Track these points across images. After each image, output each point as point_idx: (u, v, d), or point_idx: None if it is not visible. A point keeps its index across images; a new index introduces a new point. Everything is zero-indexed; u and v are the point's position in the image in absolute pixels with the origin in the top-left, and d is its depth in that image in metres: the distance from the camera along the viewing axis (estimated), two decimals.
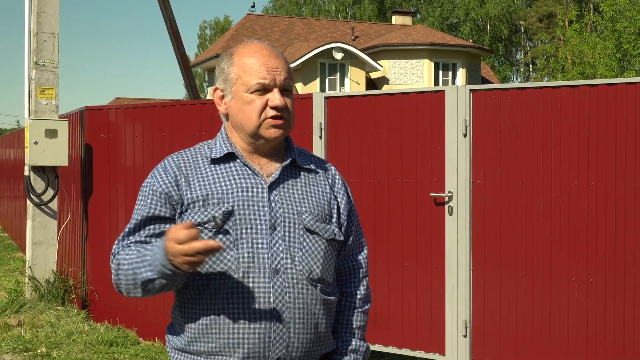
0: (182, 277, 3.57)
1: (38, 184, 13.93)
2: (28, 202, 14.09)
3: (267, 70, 3.77)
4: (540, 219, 9.23)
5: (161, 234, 3.77)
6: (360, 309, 4.11)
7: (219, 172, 3.83)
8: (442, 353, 9.90)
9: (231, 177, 3.82)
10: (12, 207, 25.75)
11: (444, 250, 9.86)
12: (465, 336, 9.73)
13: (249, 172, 3.84)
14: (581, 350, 8.97)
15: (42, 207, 14.02)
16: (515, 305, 9.41)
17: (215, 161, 3.87)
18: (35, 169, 13.81)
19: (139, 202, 3.89)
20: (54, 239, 14.16)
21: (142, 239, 3.82)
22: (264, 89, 3.77)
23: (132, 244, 3.82)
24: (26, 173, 13.91)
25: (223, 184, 3.79)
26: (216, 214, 3.72)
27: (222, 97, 3.92)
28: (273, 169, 3.89)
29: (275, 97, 3.76)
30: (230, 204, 3.73)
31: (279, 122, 3.79)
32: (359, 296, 4.12)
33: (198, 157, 3.91)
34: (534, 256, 9.28)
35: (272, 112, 3.76)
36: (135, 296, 3.75)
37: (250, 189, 3.79)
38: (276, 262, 3.71)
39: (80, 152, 13.52)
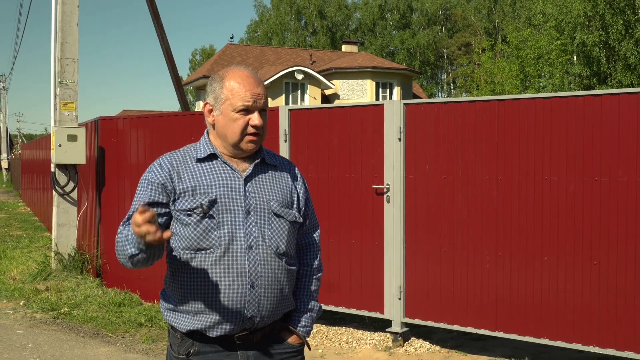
0: (155, 251, 3.60)
1: (62, 178, 13.89)
2: (54, 192, 14.08)
3: (252, 96, 3.76)
4: (459, 205, 9.19)
5: (159, 216, 3.80)
6: (314, 276, 4.14)
7: (203, 168, 3.82)
8: (382, 312, 9.84)
9: (214, 173, 3.81)
10: (41, 197, 25.90)
11: (383, 230, 9.80)
12: (400, 299, 9.67)
13: (228, 168, 3.83)
14: (491, 308, 8.93)
15: (65, 196, 13.98)
16: (440, 274, 9.36)
17: (200, 160, 3.86)
18: (59, 166, 13.82)
19: (138, 192, 3.88)
20: (74, 222, 14.09)
21: None
22: (247, 110, 3.75)
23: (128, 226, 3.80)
24: (52, 169, 13.92)
25: (207, 177, 3.78)
26: (203, 202, 3.71)
27: (211, 110, 3.88)
28: (247, 166, 3.87)
29: (256, 118, 3.77)
30: (214, 194, 3.74)
31: (255, 137, 3.79)
32: (314, 266, 4.14)
33: (186, 156, 3.90)
34: (454, 235, 9.24)
35: (252, 130, 3.78)
36: (129, 267, 3.74)
37: (229, 182, 3.79)
38: (250, 240, 3.73)
39: (95, 153, 13.45)
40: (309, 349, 4.13)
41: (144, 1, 17.05)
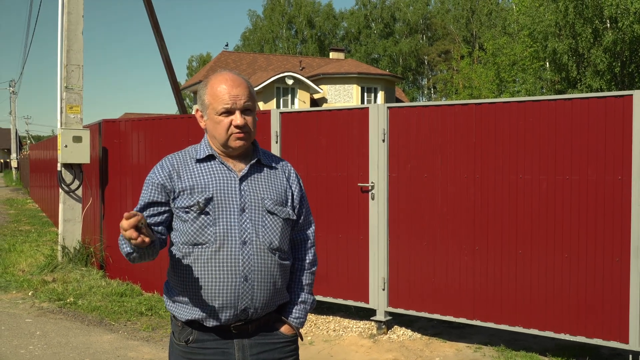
0: (147, 251, 3.63)
1: (67, 176, 13.89)
2: (60, 190, 14.10)
3: (230, 98, 3.75)
4: (439, 202, 9.18)
5: (158, 214, 3.86)
6: (308, 270, 4.12)
7: (202, 168, 3.83)
8: (367, 302, 9.84)
9: (211, 172, 3.81)
10: (48, 194, 25.87)
11: (367, 225, 9.79)
12: (383, 289, 9.67)
13: (225, 168, 3.83)
14: (469, 298, 8.93)
15: (70, 193, 13.98)
16: (421, 267, 9.36)
17: (199, 161, 3.86)
18: (65, 165, 13.84)
19: (142, 192, 3.90)
20: (79, 217, 14.07)
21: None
22: (228, 112, 3.75)
23: None
24: (59, 168, 13.97)
25: (205, 177, 3.79)
26: (200, 200, 3.72)
27: (202, 116, 3.90)
28: (243, 166, 3.87)
29: (237, 118, 3.76)
30: (211, 192, 3.74)
31: (241, 135, 3.78)
32: (307, 261, 4.12)
33: (187, 157, 3.90)
34: (434, 230, 9.23)
35: (236, 130, 3.76)
36: (130, 262, 3.75)
37: (225, 181, 3.79)
38: (244, 236, 3.73)
39: (99, 153, 13.39)
40: (301, 339, 4.12)
41: (145, 12, 17.04)
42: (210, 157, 3.88)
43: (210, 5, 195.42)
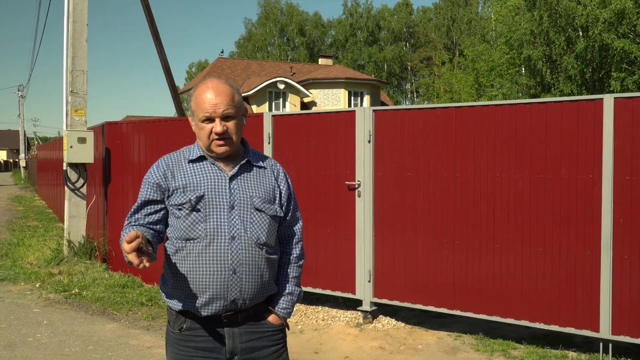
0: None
1: (73, 175, 13.82)
2: (65, 188, 14.01)
3: (210, 106, 3.75)
4: (422, 199, 9.18)
5: (155, 212, 3.88)
6: (295, 264, 4.11)
7: (194, 168, 3.85)
8: (354, 293, 9.84)
9: (203, 172, 3.83)
10: (55, 192, 25.83)
11: (354, 221, 9.79)
12: (369, 281, 9.67)
13: (216, 168, 3.84)
14: (449, 289, 8.94)
15: (75, 191, 13.91)
16: (404, 260, 9.36)
17: (191, 161, 3.88)
18: (71, 165, 13.76)
19: (140, 190, 3.92)
20: (84, 214, 14.02)
21: (142, 216, 3.87)
22: (209, 119, 3.77)
23: (132, 224, 3.88)
24: (64, 168, 13.87)
25: (197, 176, 3.81)
26: (191, 197, 3.75)
27: (191, 121, 3.93)
28: (233, 166, 3.88)
29: (216, 126, 3.76)
30: (202, 191, 3.76)
31: (222, 142, 3.79)
32: (294, 255, 4.11)
33: (181, 157, 3.93)
34: (417, 225, 9.23)
35: (215, 137, 3.77)
36: None
37: (216, 180, 3.81)
38: (233, 232, 3.73)
39: (102, 153, 13.37)
40: (288, 328, 4.12)
41: (145, 21, 17.01)
42: (201, 158, 3.90)
43: (209, 11, 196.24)
